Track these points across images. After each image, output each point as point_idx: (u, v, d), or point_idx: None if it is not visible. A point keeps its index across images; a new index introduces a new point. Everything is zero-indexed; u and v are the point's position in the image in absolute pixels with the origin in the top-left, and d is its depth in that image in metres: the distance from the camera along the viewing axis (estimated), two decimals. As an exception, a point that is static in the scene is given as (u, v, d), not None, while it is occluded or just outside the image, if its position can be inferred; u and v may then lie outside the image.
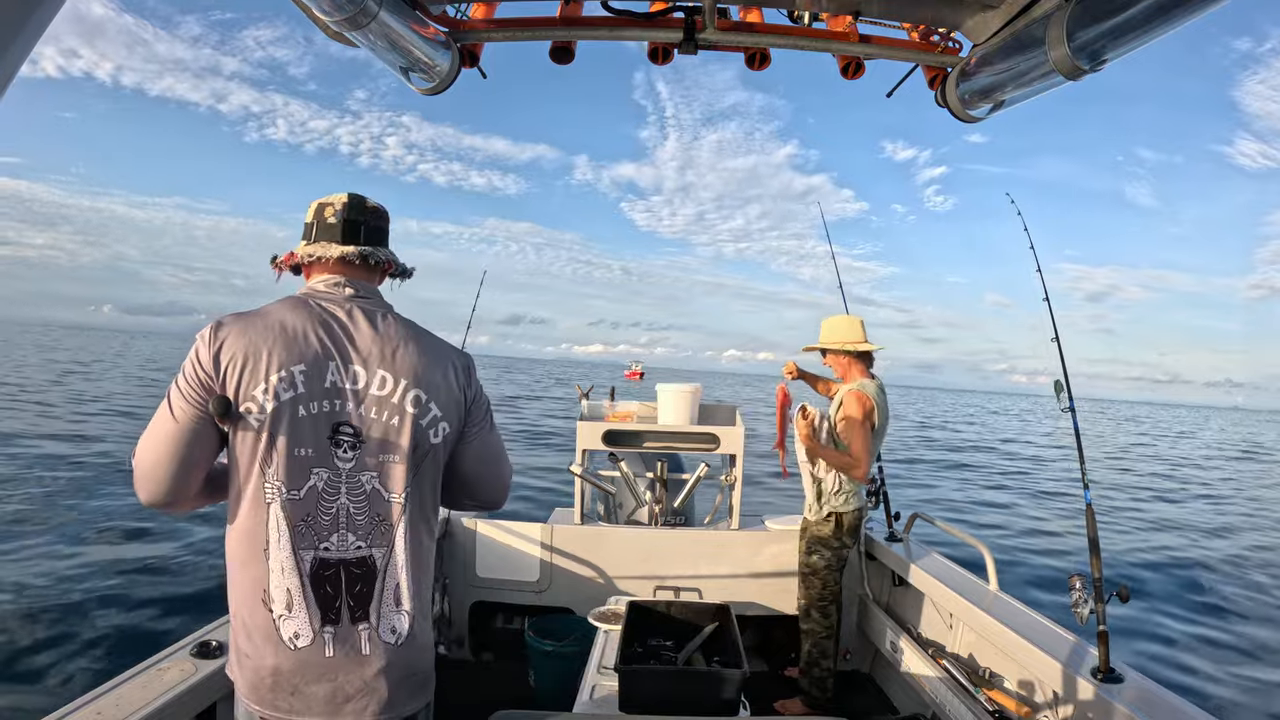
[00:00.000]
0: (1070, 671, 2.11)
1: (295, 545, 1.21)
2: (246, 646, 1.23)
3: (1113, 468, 17.90)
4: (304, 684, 1.22)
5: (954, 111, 2.04)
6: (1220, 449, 29.99)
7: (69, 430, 12.62)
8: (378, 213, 1.40)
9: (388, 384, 1.27)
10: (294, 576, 1.21)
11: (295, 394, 1.21)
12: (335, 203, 1.36)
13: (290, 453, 1.21)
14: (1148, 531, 9.96)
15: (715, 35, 2.00)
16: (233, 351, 1.20)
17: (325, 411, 1.24)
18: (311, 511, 1.22)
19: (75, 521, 7.04)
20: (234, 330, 1.22)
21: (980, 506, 11.28)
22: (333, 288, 1.32)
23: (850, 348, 3.13)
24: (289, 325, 1.24)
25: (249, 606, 1.22)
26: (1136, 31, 1.38)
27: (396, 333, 1.32)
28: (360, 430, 1.25)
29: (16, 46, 0.62)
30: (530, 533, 3.45)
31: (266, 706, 1.23)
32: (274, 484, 1.21)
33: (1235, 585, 7.50)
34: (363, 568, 1.25)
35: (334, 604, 1.23)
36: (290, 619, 1.21)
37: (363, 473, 1.25)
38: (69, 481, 8.69)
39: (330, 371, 1.24)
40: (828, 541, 3.08)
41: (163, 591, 5.33)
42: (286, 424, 1.21)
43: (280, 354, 1.21)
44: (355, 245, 1.35)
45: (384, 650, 1.25)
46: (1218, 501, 13.72)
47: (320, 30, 1.75)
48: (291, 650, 1.21)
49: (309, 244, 1.36)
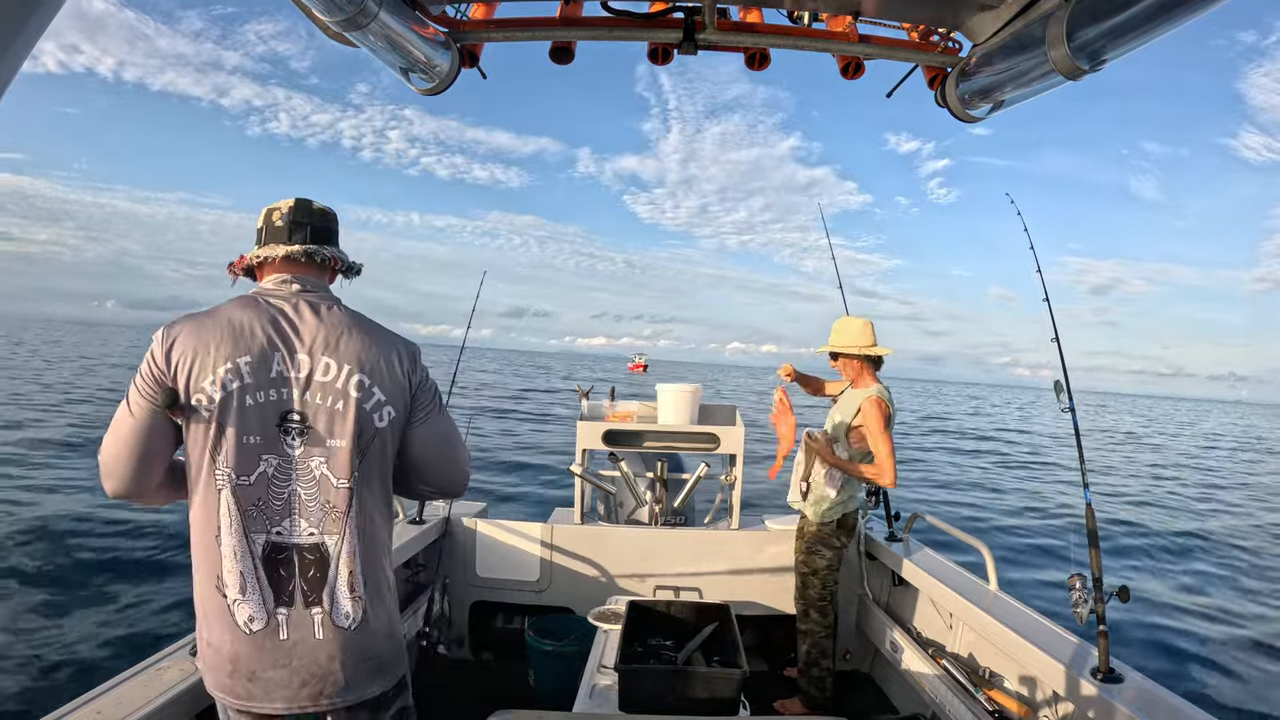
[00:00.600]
0: (1070, 671, 2.11)
1: (247, 529, 1.25)
2: (207, 634, 1.28)
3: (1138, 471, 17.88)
4: (261, 669, 1.25)
5: (954, 111, 2.04)
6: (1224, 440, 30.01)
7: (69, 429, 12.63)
8: (324, 214, 1.45)
9: (331, 370, 1.31)
10: (246, 560, 1.25)
11: (242, 384, 1.26)
12: (282, 207, 1.42)
13: (239, 440, 1.25)
14: (1149, 533, 9.97)
15: (715, 35, 2.00)
16: (183, 348, 1.26)
17: (273, 400, 1.28)
18: (263, 496, 1.26)
19: (76, 522, 7.05)
20: (185, 328, 1.28)
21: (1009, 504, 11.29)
22: (280, 285, 1.37)
23: (865, 351, 3.12)
24: (236, 321, 1.29)
25: (205, 593, 1.27)
26: (1136, 31, 1.38)
27: (340, 321, 1.35)
28: (306, 416, 1.29)
29: (17, 45, 0.62)
30: (530, 532, 3.45)
31: (227, 694, 1.27)
32: (224, 471, 1.25)
33: (1236, 584, 7.50)
34: (316, 553, 1.28)
35: (287, 587, 1.27)
36: (244, 603, 1.25)
37: (311, 459, 1.29)
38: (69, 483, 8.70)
39: (276, 362, 1.29)
40: (829, 542, 3.08)
41: (163, 592, 5.33)
42: (234, 413, 1.25)
43: (227, 348, 1.26)
44: (300, 244, 1.39)
45: (338, 634, 1.28)
46: (1218, 494, 13.73)
47: (320, 30, 1.75)
48: (247, 634, 1.25)
49: (259, 246, 1.41)
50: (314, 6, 1.56)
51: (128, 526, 6.96)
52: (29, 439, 11.40)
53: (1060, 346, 2.51)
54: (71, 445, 11.19)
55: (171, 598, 5.20)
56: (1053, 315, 2.56)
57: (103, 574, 5.61)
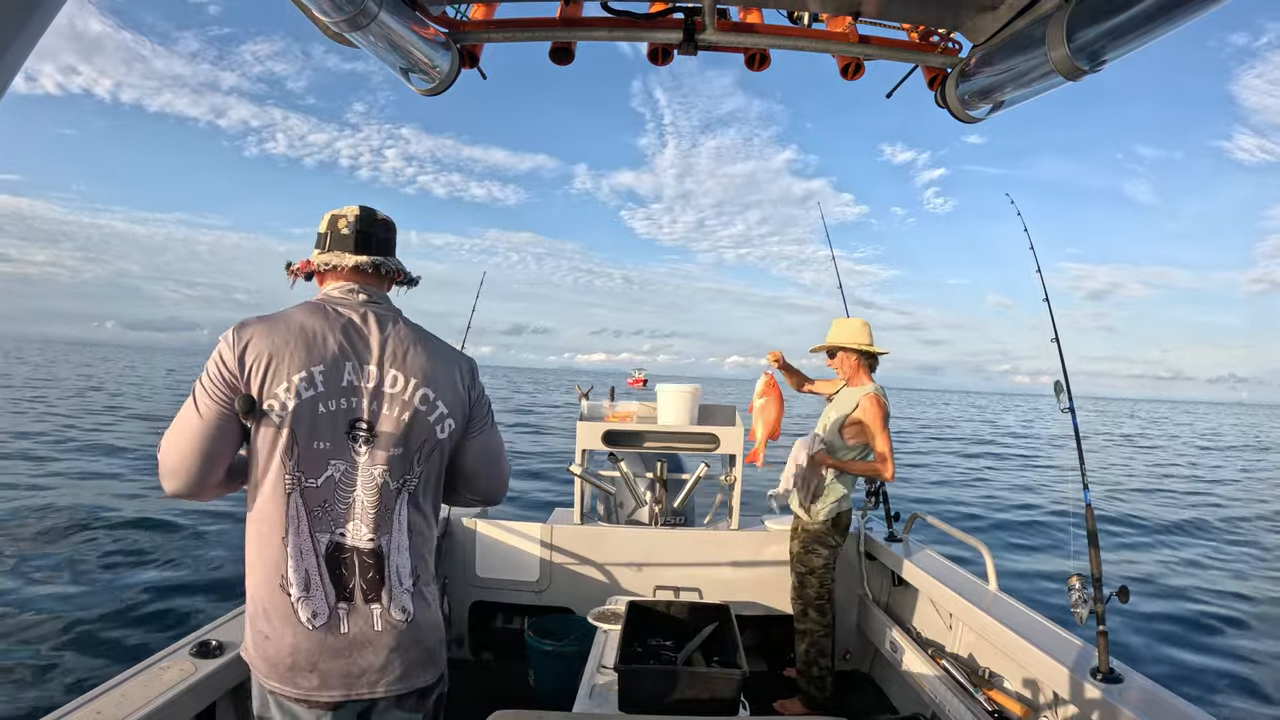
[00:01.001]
0: (1070, 671, 2.11)
1: (313, 529, 1.30)
2: (265, 628, 1.30)
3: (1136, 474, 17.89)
4: (322, 662, 1.29)
5: (954, 112, 2.04)
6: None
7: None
8: (386, 224, 1.50)
9: (399, 382, 1.37)
10: (311, 558, 1.29)
11: (315, 392, 1.30)
12: (348, 214, 1.45)
13: (310, 446, 1.30)
14: (1151, 531, 9.97)
15: (715, 36, 1.99)
16: (257, 351, 1.28)
17: (343, 409, 1.33)
18: (329, 499, 1.31)
19: (75, 520, 7.05)
20: (257, 331, 1.30)
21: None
22: (347, 294, 1.42)
23: (864, 348, 3.16)
24: (308, 328, 1.33)
25: (267, 591, 1.29)
26: (1136, 32, 1.38)
27: (407, 335, 1.42)
28: (374, 425, 1.35)
29: (17, 46, 0.62)
30: (530, 532, 3.45)
31: (286, 684, 1.29)
32: (294, 474, 1.29)
33: (1235, 584, 7.50)
34: (374, 556, 1.33)
35: (348, 585, 1.32)
36: (308, 600, 1.29)
37: (375, 465, 1.34)
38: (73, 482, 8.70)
39: (347, 371, 1.34)
40: (825, 540, 3.08)
41: (162, 590, 5.33)
42: (307, 420, 1.30)
43: (301, 355, 1.30)
44: (368, 255, 1.44)
45: (393, 627, 1.34)
46: (1216, 490, 13.73)
47: (320, 31, 1.75)
48: (309, 630, 1.28)
49: (323, 253, 1.45)
50: (314, 7, 1.56)
51: (127, 525, 6.96)
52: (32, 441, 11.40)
53: (1060, 346, 2.52)
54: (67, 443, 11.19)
55: (172, 597, 5.20)
56: (1052, 315, 2.56)
57: (102, 574, 5.61)
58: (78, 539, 6.50)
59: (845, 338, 3.21)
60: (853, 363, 3.19)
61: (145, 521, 7.16)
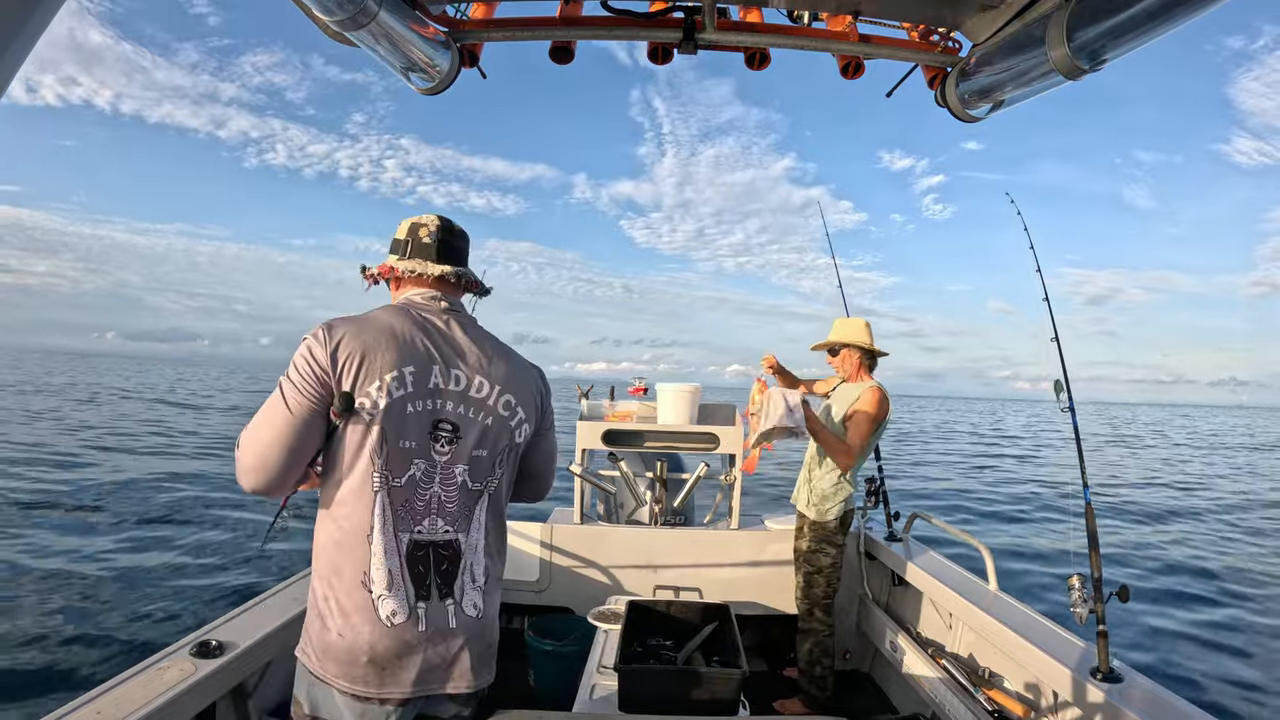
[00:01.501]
0: (1070, 671, 2.11)
1: (396, 529, 1.32)
2: (340, 627, 1.30)
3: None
4: (398, 658, 1.30)
5: (954, 111, 2.04)
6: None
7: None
8: (464, 235, 1.56)
9: (484, 388, 1.42)
10: (394, 558, 1.31)
11: (405, 392, 1.33)
12: (430, 224, 1.50)
13: (396, 445, 1.32)
14: (1152, 527, 9.97)
15: (715, 35, 1.99)
16: (349, 350, 1.31)
17: (428, 409, 1.36)
18: (410, 498, 1.34)
19: (77, 521, 7.05)
20: (348, 331, 1.33)
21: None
22: (429, 300, 1.46)
23: (866, 345, 3.16)
24: (397, 329, 1.36)
25: (346, 588, 1.30)
26: (1136, 31, 1.38)
27: (489, 344, 1.48)
28: (458, 427, 1.39)
29: (16, 45, 0.62)
30: (530, 532, 3.45)
31: (357, 683, 1.29)
32: (383, 473, 1.31)
33: (1235, 583, 7.50)
34: (449, 550, 1.37)
35: (425, 582, 1.34)
36: (389, 597, 1.30)
37: (456, 465, 1.38)
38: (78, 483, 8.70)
39: (434, 374, 1.37)
40: (833, 540, 3.08)
41: (162, 590, 5.33)
42: (396, 419, 1.32)
43: (391, 355, 1.33)
44: (451, 265, 1.49)
45: (466, 623, 1.37)
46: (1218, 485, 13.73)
47: (321, 30, 1.74)
48: (388, 627, 1.29)
49: (402, 259, 1.48)
50: (314, 6, 1.56)
51: (128, 525, 6.96)
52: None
53: (1060, 346, 2.51)
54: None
55: (172, 597, 5.20)
56: (1052, 314, 2.56)
57: (102, 574, 5.61)
58: (78, 539, 6.50)
59: (848, 335, 3.21)
60: (854, 360, 3.19)
61: (145, 521, 7.16)
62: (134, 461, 11.40)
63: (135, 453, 12.43)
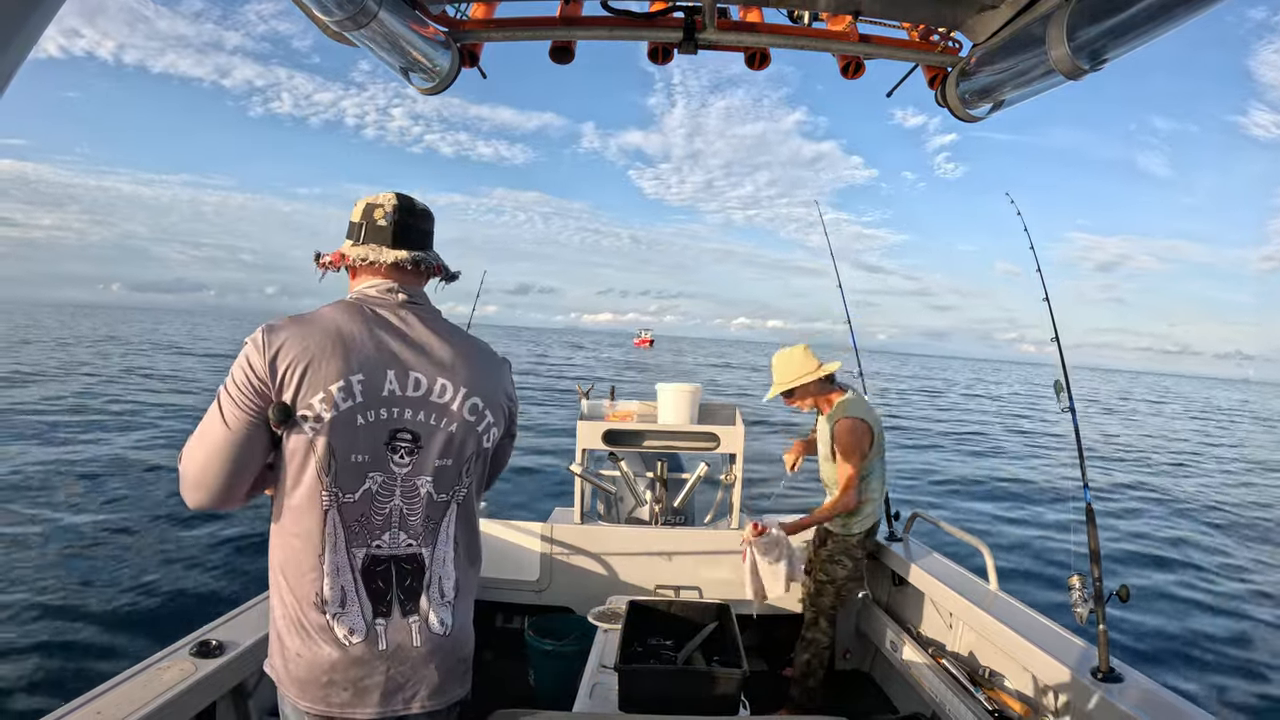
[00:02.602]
0: (1070, 671, 2.11)
1: (349, 545, 1.23)
2: (298, 646, 1.24)
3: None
4: (358, 678, 1.23)
5: (954, 111, 2.04)
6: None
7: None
8: (426, 215, 1.39)
9: (447, 392, 1.30)
10: (347, 575, 1.23)
11: (354, 403, 1.22)
12: (385, 204, 1.34)
13: (347, 459, 1.22)
14: (1151, 524, 9.97)
15: (715, 35, 2.00)
16: (290, 357, 1.19)
17: (383, 419, 1.25)
18: (365, 512, 1.24)
19: (77, 521, 7.05)
20: (290, 335, 1.21)
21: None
22: (385, 293, 1.32)
23: (813, 375, 2.99)
24: (345, 331, 1.24)
25: (300, 609, 1.23)
26: (1137, 31, 1.38)
27: (453, 339, 1.34)
28: (419, 436, 1.27)
29: (19, 40, 0.62)
30: (530, 532, 3.45)
31: (319, 703, 1.23)
32: (331, 490, 1.22)
33: (1236, 582, 7.50)
34: (413, 563, 1.28)
35: (385, 597, 1.26)
36: (344, 616, 1.23)
37: (418, 476, 1.27)
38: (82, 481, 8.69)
39: (389, 380, 1.25)
40: (852, 553, 3.05)
41: (162, 591, 5.33)
42: (344, 432, 1.21)
43: (338, 362, 1.21)
44: (408, 250, 1.34)
45: (432, 640, 1.29)
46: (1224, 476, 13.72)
47: (320, 30, 1.75)
48: (346, 646, 1.23)
49: (357, 245, 1.34)
50: (314, 6, 1.56)
51: (127, 524, 6.96)
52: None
53: (1060, 347, 2.51)
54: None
55: (172, 597, 5.20)
56: (1053, 316, 2.56)
57: (102, 574, 5.61)
58: (76, 539, 6.50)
59: (792, 373, 3.01)
60: (811, 392, 3.04)
61: (146, 521, 7.15)
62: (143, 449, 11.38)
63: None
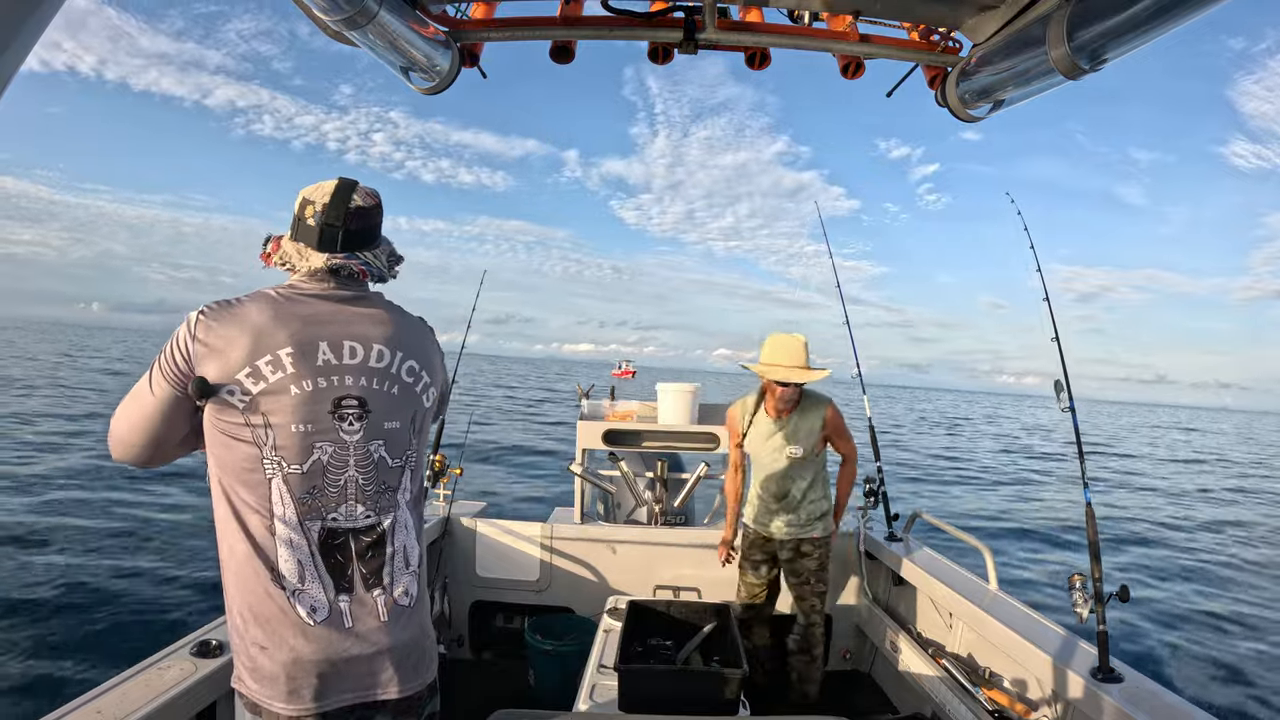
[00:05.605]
0: (1070, 671, 2.11)
1: (301, 517, 1.22)
2: (259, 636, 1.20)
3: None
4: (327, 664, 1.21)
5: (954, 111, 2.04)
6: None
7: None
8: (363, 212, 1.32)
9: (385, 356, 1.32)
10: (303, 549, 1.21)
11: (284, 374, 1.22)
12: (318, 200, 1.30)
13: (286, 430, 1.21)
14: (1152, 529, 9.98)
15: (715, 35, 2.00)
16: (216, 337, 1.20)
17: (323, 388, 1.24)
18: (318, 484, 1.23)
19: (77, 521, 7.05)
20: (219, 316, 1.22)
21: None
22: (315, 283, 1.32)
23: (820, 375, 2.85)
24: (274, 311, 1.24)
25: (259, 592, 1.20)
26: (1137, 31, 1.38)
27: (383, 308, 1.37)
28: (365, 400, 1.28)
29: (16, 46, 0.62)
30: (530, 532, 3.46)
31: (292, 701, 1.19)
32: (273, 460, 1.21)
33: (1235, 582, 7.51)
34: (371, 534, 1.27)
35: (345, 572, 1.24)
36: (304, 593, 1.21)
37: (370, 442, 1.28)
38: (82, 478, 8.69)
39: (321, 350, 1.25)
40: (829, 546, 3.07)
41: (162, 591, 5.33)
42: (277, 403, 1.21)
43: (266, 338, 1.21)
44: (334, 255, 1.30)
45: (400, 613, 1.29)
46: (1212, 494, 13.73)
47: (320, 29, 1.74)
48: (310, 626, 1.20)
49: (291, 240, 1.33)
50: (314, 6, 1.56)
51: (126, 524, 6.96)
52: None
53: (1060, 345, 2.51)
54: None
55: (172, 597, 5.20)
56: (1053, 314, 2.56)
57: (102, 574, 5.61)
58: (75, 539, 6.49)
59: (803, 370, 2.85)
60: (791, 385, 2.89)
61: (145, 520, 7.15)
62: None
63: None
